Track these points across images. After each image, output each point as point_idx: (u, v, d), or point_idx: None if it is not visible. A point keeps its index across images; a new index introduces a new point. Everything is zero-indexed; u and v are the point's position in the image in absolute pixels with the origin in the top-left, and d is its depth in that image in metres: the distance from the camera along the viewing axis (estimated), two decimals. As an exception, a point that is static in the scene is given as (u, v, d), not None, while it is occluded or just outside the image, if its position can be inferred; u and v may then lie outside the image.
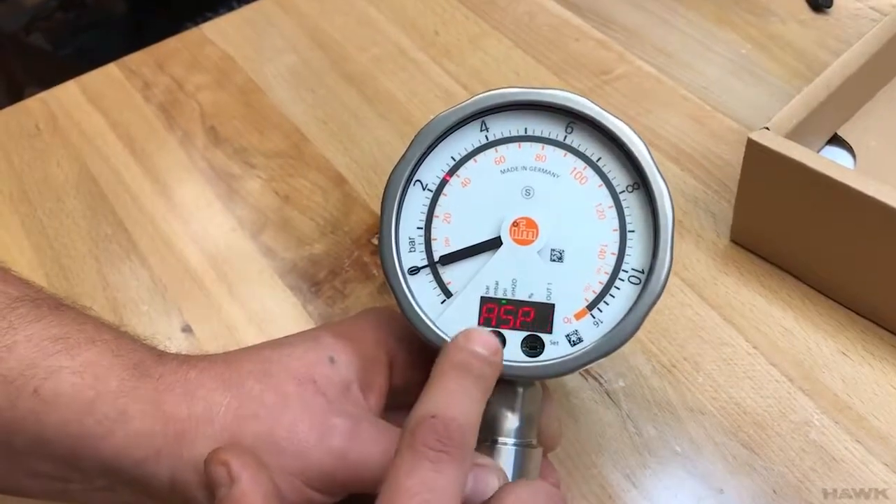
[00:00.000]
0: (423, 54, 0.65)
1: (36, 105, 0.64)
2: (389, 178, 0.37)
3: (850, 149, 0.54)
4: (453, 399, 0.30)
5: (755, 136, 0.45)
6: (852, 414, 0.43)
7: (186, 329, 0.49)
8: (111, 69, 0.66)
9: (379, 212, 0.54)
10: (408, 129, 0.60)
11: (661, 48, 0.63)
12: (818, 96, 0.48)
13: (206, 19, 0.92)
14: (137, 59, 0.67)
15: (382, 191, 0.55)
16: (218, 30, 0.69)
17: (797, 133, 0.47)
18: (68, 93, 0.64)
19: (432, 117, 0.37)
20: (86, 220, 0.55)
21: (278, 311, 0.50)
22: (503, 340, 0.36)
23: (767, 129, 0.45)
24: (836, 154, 0.54)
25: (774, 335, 0.46)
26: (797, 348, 0.46)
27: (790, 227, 0.47)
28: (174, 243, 0.54)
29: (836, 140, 0.54)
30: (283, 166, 0.58)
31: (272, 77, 0.64)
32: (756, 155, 0.46)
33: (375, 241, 0.53)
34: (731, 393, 0.44)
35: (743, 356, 0.46)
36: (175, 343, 0.48)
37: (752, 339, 0.46)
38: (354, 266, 0.52)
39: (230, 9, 0.74)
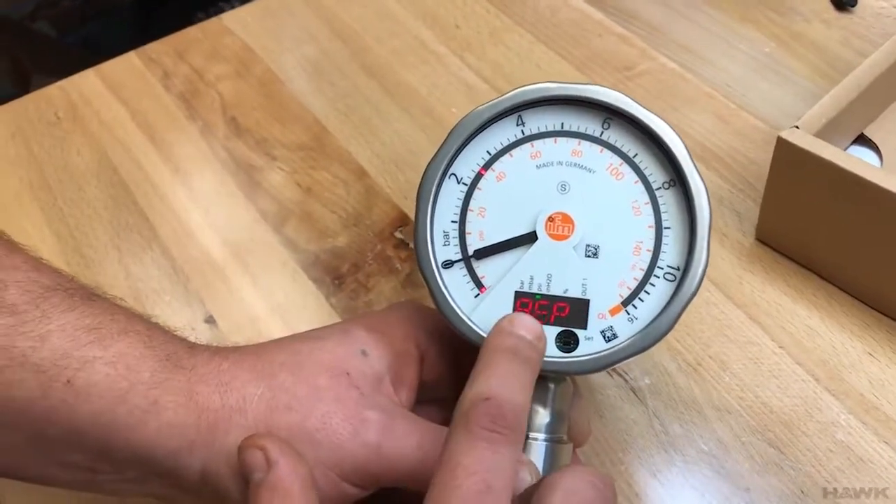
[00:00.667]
0: (444, 47, 0.65)
1: (55, 93, 0.63)
2: (425, 171, 0.37)
3: (876, 148, 0.53)
4: (505, 381, 0.30)
5: (785, 135, 0.45)
6: (880, 415, 0.43)
7: (210, 320, 0.49)
8: (131, 58, 0.66)
9: (401, 206, 0.54)
10: (429, 122, 0.59)
11: (684, 45, 0.63)
12: (848, 95, 0.48)
13: (219, 10, 0.92)
14: (157, 48, 0.66)
15: (404, 185, 0.56)
16: (238, 20, 0.68)
17: (825, 132, 0.46)
18: (88, 81, 0.64)
19: (469, 111, 0.36)
20: (107, 210, 0.55)
21: (301, 304, 0.50)
22: (537, 336, 0.36)
23: (797, 127, 0.45)
24: (862, 153, 0.53)
25: (800, 335, 0.46)
26: (823, 348, 0.46)
27: (817, 226, 0.47)
28: (196, 234, 0.54)
29: (861, 140, 0.54)
30: (304, 158, 0.58)
31: (292, 68, 0.64)
32: (785, 153, 0.45)
33: (399, 235, 0.53)
34: (758, 392, 0.44)
35: (769, 355, 0.46)
36: (198, 334, 0.48)
37: (778, 339, 0.46)
38: (377, 259, 0.52)
39: (243, 0, 0.73)
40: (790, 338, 0.46)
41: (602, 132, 0.37)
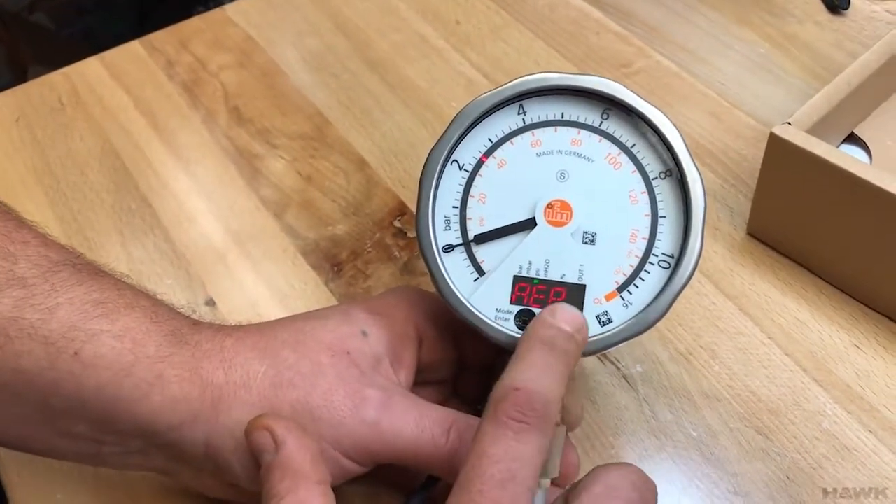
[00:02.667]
0: (445, 43, 0.66)
1: (59, 79, 0.64)
2: (428, 157, 0.37)
3: (866, 147, 0.55)
4: (537, 373, 0.31)
5: (777, 131, 0.46)
6: (864, 405, 0.44)
7: (210, 303, 0.50)
8: (134, 46, 0.66)
9: (400, 195, 0.55)
10: (429, 115, 0.60)
11: (680, 44, 0.64)
12: (839, 94, 0.49)
13: (218, 3, 0.92)
14: (160, 37, 0.67)
15: (404, 175, 0.57)
16: (241, 11, 0.69)
17: (817, 129, 0.48)
18: (91, 68, 0.65)
19: (472, 99, 0.37)
20: (109, 194, 0.56)
21: (301, 289, 0.51)
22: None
23: (789, 124, 0.46)
24: (852, 152, 0.55)
25: (789, 326, 0.47)
26: (811, 340, 0.47)
27: (807, 221, 0.48)
28: (198, 219, 0.54)
29: (852, 138, 0.55)
30: (305, 148, 0.59)
31: (295, 60, 0.65)
32: (777, 149, 0.47)
33: (398, 224, 0.54)
34: (747, 381, 0.45)
35: (758, 346, 0.47)
36: (199, 316, 0.48)
37: (767, 330, 0.47)
38: (376, 247, 0.52)
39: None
40: (779, 329, 0.47)
41: (601, 122, 0.38)
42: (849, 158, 0.45)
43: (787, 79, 0.61)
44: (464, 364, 0.42)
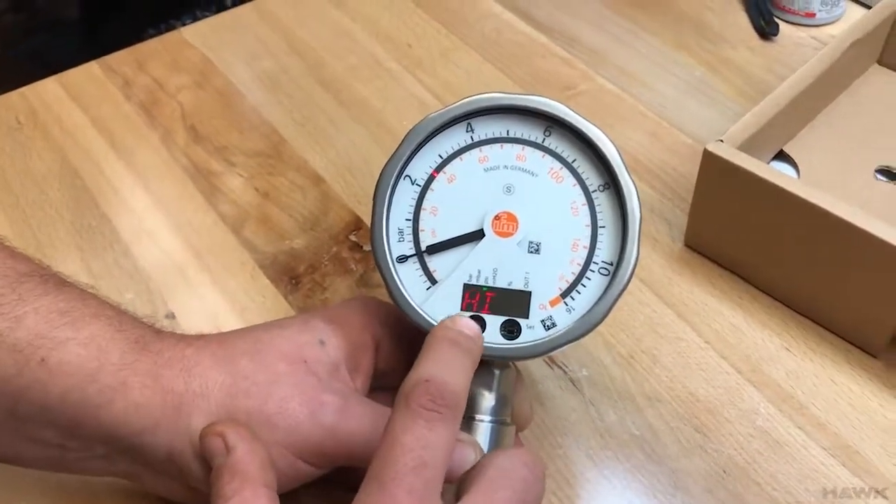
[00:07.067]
0: (397, 64, 0.68)
1: (16, 99, 0.65)
2: (381, 172, 0.40)
3: (794, 163, 0.58)
4: (445, 366, 0.33)
5: (711, 148, 0.49)
6: (795, 403, 0.47)
7: (170, 316, 0.51)
8: (92, 67, 0.67)
9: (356, 210, 0.57)
10: (382, 133, 0.63)
11: (621, 68, 0.68)
12: (768, 113, 0.52)
13: (170, 27, 0.94)
14: (118, 58, 0.68)
15: (359, 191, 0.59)
16: (197, 33, 0.71)
17: (748, 146, 0.51)
18: (48, 89, 0.66)
19: (423, 118, 0.40)
20: (69, 211, 0.57)
21: (260, 301, 0.52)
22: (483, 324, 0.39)
23: (722, 141, 0.50)
24: (781, 168, 0.58)
25: (724, 331, 0.50)
26: (745, 343, 0.50)
27: (740, 232, 0.52)
28: (157, 235, 0.56)
29: (781, 156, 0.59)
30: (262, 165, 0.60)
31: (251, 80, 0.67)
32: (711, 165, 0.50)
33: (354, 238, 0.56)
34: (685, 383, 0.48)
35: (696, 350, 0.50)
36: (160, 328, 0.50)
37: (704, 335, 0.50)
38: (333, 261, 0.54)
39: (195, 18, 0.75)
40: (715, 334, 0.50)
41: (544, 139, 0.40)
42: (777, 173, 0.48)
43: (722, 100, 0.65)
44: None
